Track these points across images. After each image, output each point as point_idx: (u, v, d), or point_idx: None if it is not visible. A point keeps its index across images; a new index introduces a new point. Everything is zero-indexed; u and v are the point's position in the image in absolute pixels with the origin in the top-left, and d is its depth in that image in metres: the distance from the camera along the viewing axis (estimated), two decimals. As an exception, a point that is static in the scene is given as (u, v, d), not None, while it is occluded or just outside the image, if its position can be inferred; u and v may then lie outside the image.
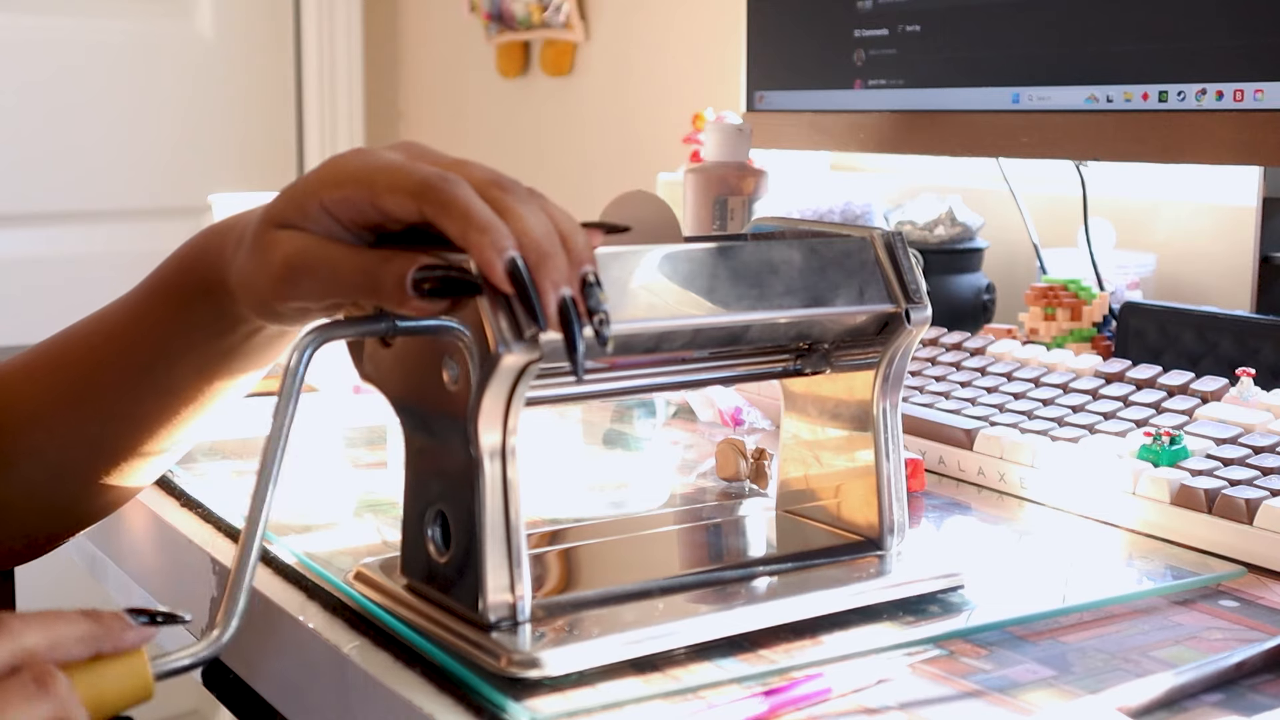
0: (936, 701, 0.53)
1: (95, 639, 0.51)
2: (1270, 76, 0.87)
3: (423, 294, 0.52)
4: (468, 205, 0.52)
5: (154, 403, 0.65)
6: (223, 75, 2.31)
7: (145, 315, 0.65)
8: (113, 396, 0.66)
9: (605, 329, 0.52)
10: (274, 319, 0.59)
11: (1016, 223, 1.23)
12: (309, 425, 0.96)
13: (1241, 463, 0.73)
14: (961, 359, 0.95)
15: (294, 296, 0.56)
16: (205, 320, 0.63)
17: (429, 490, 0.58)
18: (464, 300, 0.53)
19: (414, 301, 0.52)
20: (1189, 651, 0.58)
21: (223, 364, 0.64)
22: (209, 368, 0.64)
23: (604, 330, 0.52)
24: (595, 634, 0.55)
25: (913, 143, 1.12)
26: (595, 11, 1.96)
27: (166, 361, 0.64)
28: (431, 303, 0.53)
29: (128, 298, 0.67)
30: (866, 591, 0.61)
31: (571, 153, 2.04)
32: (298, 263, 0.55)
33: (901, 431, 0.65)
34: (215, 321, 0.62)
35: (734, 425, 0.96)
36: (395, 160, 0.54)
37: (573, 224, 0.54)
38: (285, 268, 0.55)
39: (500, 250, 0.51)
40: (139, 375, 0.65)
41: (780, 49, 1.24)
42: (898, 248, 0.64)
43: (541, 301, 0.51)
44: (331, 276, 0.54)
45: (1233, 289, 1.14)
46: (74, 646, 0.50)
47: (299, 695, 0.63)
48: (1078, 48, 0.99)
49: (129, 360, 0.66)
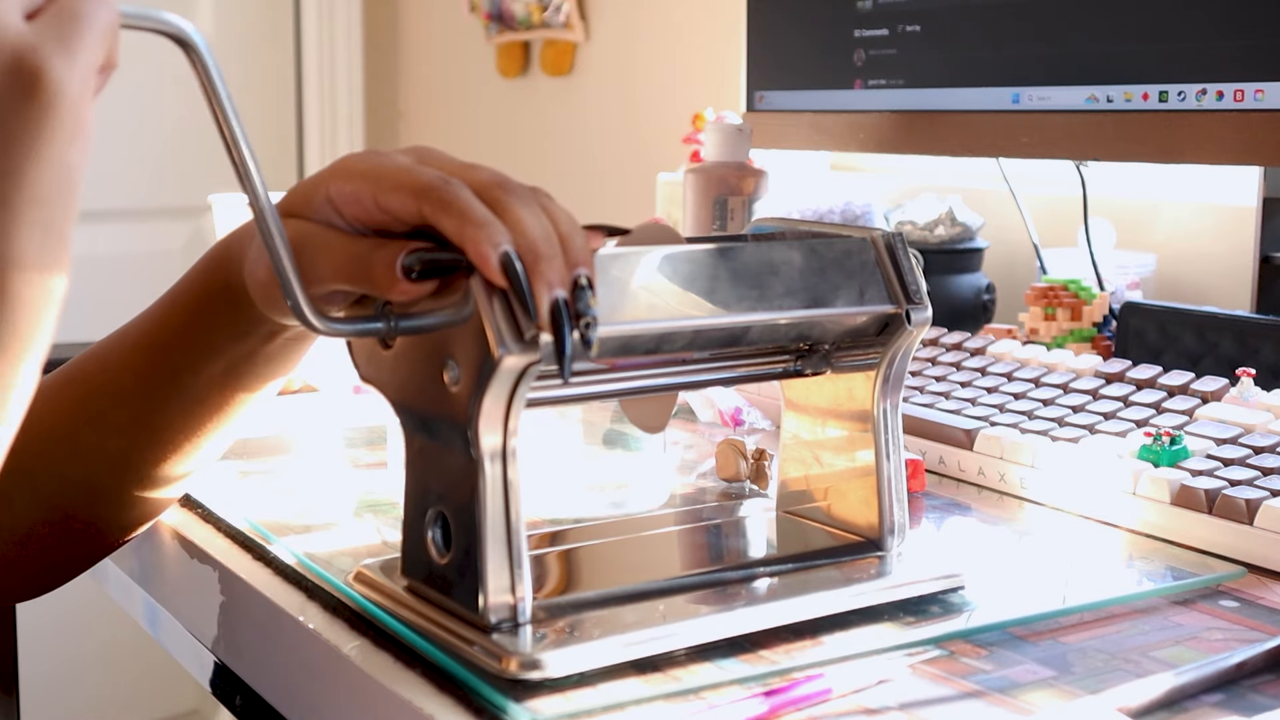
0: (937, 702, 0.53)
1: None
2: (1270, 76, 0.87)
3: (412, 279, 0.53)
4: (466, 205, 0.52)
5: (177, 414, 0.65)
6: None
7: (170, 321, 0.65)
8: (135, 409, 0.66)
9: (591, 333, 0.52)
10: (273, 308, 0.59)
11: (1016, 223, 1.23)
12: (309, 425, 0.96)
13: (1242, 463, 0.73)
14: (962, 359, 0.95)
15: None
16: (226, 323, 0.63)
17: (429, 491, 0.58)
18: (454, 283, 0.53)
19: (402, 284, 0.53)
20: (1189, 652, 0.58)
21: (244, 370, 0.64)
22: (231, 374, 0.64)
23: (589, 334, 0.52)
24: (596, 635, 0.55)
25: (913, 143, 1.12)
26: (595, 11, 1.96)
27: (191, 369, 0.64)
28: (420, 286, 0.53)
29: (151, 308, 0.67)
30: (867, 592, 0.61)
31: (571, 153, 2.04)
32: (294, 245, 0.56)
33: (902, 432, 0.65)
34: (235, 325, 0.63)
35: (734, 425, 0.96)
36: (403, 162, 0.55)
37: (573, 225, 0.54)
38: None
39: (495, 245, 0.51)
40: (163, 384, 0.65)
41: (780, 49, 1.24)
42: (898, 248, 0.64)
43: (535, 300, 0.51)
44: (325, 260, 0.55)
45: (1233, 289, 1.14)
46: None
47: (299, 695, 0.63)
48: (1078, 48, 0.99)
49: (153, 368, 0.66)
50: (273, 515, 0.75)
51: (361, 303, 0.58)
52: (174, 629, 0.77)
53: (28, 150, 0.43)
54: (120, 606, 0.88)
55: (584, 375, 0.60)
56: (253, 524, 0.73)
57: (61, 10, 0.45)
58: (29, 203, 0.44)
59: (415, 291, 0.53)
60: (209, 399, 0.65)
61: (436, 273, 0.53)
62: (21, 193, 0.44)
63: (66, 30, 0.44)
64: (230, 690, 0.71)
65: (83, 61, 0.45)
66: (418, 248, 0.53)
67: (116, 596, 0.87)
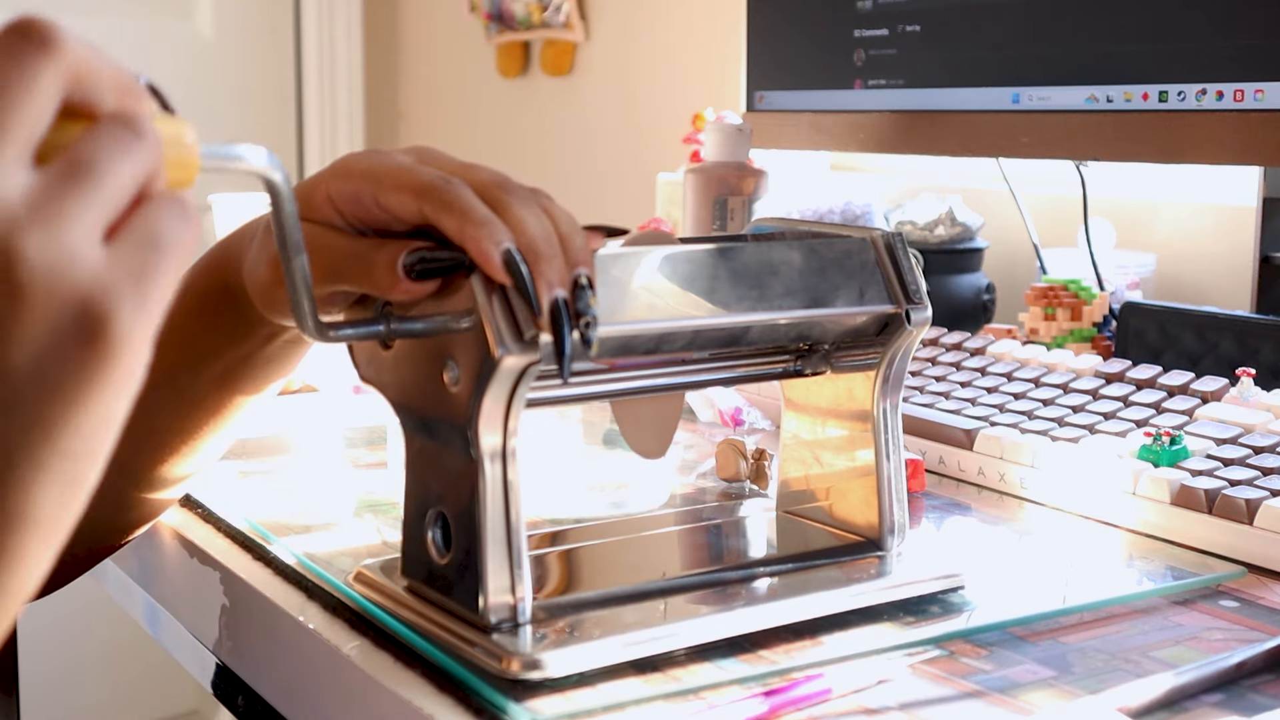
0: (937, 702, 0.53)
1: (128, 84, 0.41)
2: (1270, 76, 0.87)
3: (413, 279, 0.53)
4: (467, 204, 0.52)
5: (175, 415, 0.65)
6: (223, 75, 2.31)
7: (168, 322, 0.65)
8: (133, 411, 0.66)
9: (591, 332, 0.52)
10: (273, 310, 0.59)
11: (1016, 223, 1.23)
12: (309, 425, 0.96)
13: (1242, 463, 0.73)
14: (961, 359, 0.95)
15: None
16: (226, 324, 0.63)
17: (429, 491, 0.58)
18: (455, 282, 0.53)
19: (404, 284, 0.53)
20: (1189, 652, 0.58)
21: (242, 372, 0.64)
22: (229, 376, 0.64)
23: (589, 333, 0.52)
24: (596, 635, 0.55)
25: (913, 143, 1.12)
26: (595, 11, 1.96)
27: (189, 370, 0.64)
28: (421, 285, 0.53)
29: None
30: (867, 592, 0.61)
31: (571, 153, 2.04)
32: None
33: (902, 432, 0.65)
34: (235, 326, 0.63)
35: (734, 425, 0.96)
36: (403, 161, 0.55)
37: (573, 225, 0.54)
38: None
39: (497, 243, 0.51)
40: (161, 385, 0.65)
41: (780, 49, 1.24)
42: (898, 248, 0.64)
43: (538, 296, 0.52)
44: (325, 257, 0.55)
45: (1233, 289, 1.14)
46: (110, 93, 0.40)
47: (299, 696, 0.63)
48: (1078, 48, 0.99)
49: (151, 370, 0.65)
50: (273, 515, 0.75)
51: (361, 302, 0.58)
52: (174, 629, 0.77)
53: (70, 401, 0.38)
54: (120, 606, 0.88)
55: (584, 375, 0.60)
56: (253, 524, 0.73)
57: (144, 237, 0.39)
58: (57, 456, 0.38)
59: (417, 291, 0.53)
60: (207, 401, 0.65)
61: (437, 273, 0.53)
62: (51, 445, 0.38)
63: (147, 264, 0.38)
64: (231, 690, 0.71)
65: (155, 303, 0.39)
66: (418, 247, 0.53)
67: (116, 596, 0.87)
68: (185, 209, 0.40)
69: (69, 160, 0.38)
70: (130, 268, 0.38)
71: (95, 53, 0.39)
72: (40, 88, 0.37)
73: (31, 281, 0.36)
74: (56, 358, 0.37)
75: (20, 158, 0.37)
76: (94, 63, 0.39)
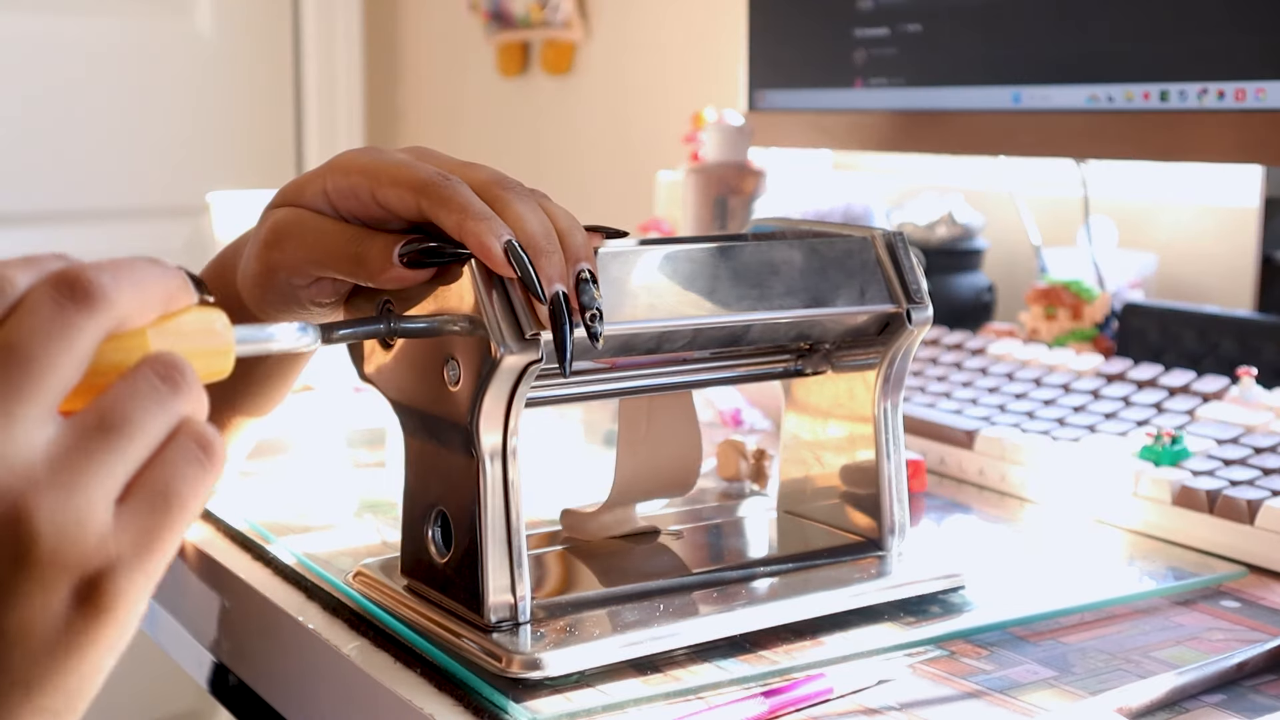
0: (937, 702, 0.53)
1: (172, 292, 0.40)
2: (1271, 76, 0.87)
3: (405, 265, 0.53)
4: (466, 200, 0.52)
5: None
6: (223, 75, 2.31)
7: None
8: None
9: (597, 326, 0.52)
10: (265, 308, 0.59)
11: (1017, 223, 1.23)
12: (309, 425, 0.95)
13: (1243, 463, 0.73)
14: (962, 359, 0.95)
15: (277, 264, 0.56)
16: None
17: (429, 490, 0.58)
18: (451, 273, 0.53)
19: (396, 270, 0.53)
20: (1190, 652, 0.58)
21: (241, 390, 0.64)
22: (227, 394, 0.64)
23: (596, 327, 0.52)
24: (596, 635, 0.55)
25: (913, 142, 1.12)
26: (595, 11, 1.96)
27: None
28: (414, 272, 0.53)
29: None
30: (867, 592, 0.61)
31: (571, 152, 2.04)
32: (283, 228, 0.55)
33: (902, 432, 0.65)
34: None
35: (734, 425, 0.96)
36: (402, 158, 0.55)
37: (572, 222, 0.54)
38: (271, 233, 0.56)
39: (498, 236, 0.51)
40: None
41: (781, 48, 1.24)
42: (899, 248, 0.63)
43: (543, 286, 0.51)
44: (316, 243, 0.55)
45: (1234, 289, 1.14)
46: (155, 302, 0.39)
47: (299, 696, 0.63)
48: (1078, 47, 0.99)
49: None
50: (273, 515, 0.75)
51: (355, 304, 0.58)
52: (173, 629, 0.77)
53: (55, 662, 0.36)
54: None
55: (584, 375, 0.60)
56: (253, 524, 0.73)
57: (158, 496, 0.37)
58: (34, 712, 0.36)
59: (409, 278, 0.53)
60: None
61: (432, 263, 0.53)
62: (31, 704, 0.36)
63: (157, 527, 0.37)
64: (230, 690, 0.71)
65: (158, 566, 0.37)
66: (415, 238, 0.53)
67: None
68: (208, 453, 0.39)
69: (99, 413, 0.37)
70: (139, 530, 0.37)
71: (136, 276, 0.38)
72: (78, 346, 0.36)
73: (37, 546, 0.35)
74: (47, 620, 0.36)
75: (46, 414, 0.36)
76: (134, 301, 0.38)
